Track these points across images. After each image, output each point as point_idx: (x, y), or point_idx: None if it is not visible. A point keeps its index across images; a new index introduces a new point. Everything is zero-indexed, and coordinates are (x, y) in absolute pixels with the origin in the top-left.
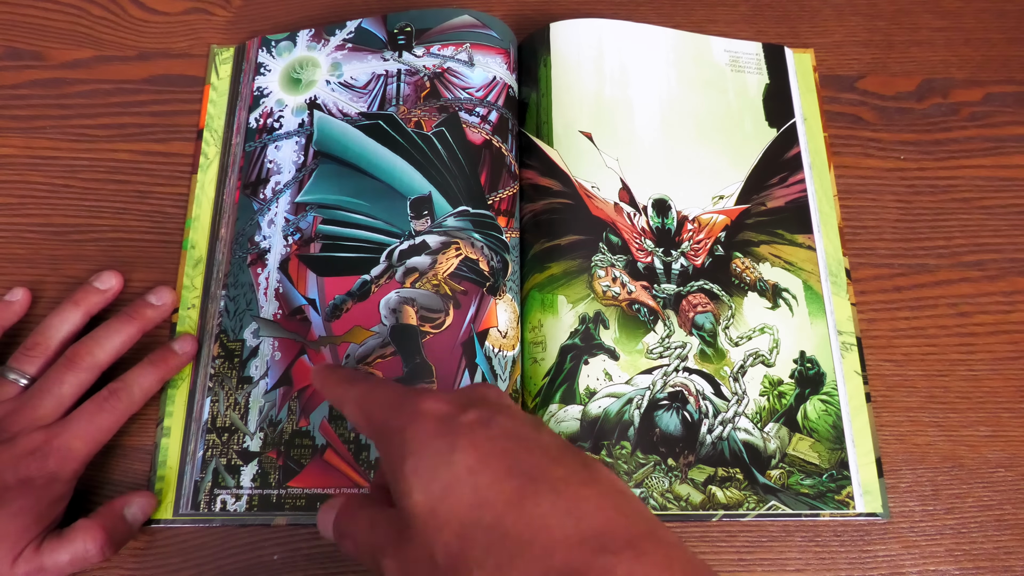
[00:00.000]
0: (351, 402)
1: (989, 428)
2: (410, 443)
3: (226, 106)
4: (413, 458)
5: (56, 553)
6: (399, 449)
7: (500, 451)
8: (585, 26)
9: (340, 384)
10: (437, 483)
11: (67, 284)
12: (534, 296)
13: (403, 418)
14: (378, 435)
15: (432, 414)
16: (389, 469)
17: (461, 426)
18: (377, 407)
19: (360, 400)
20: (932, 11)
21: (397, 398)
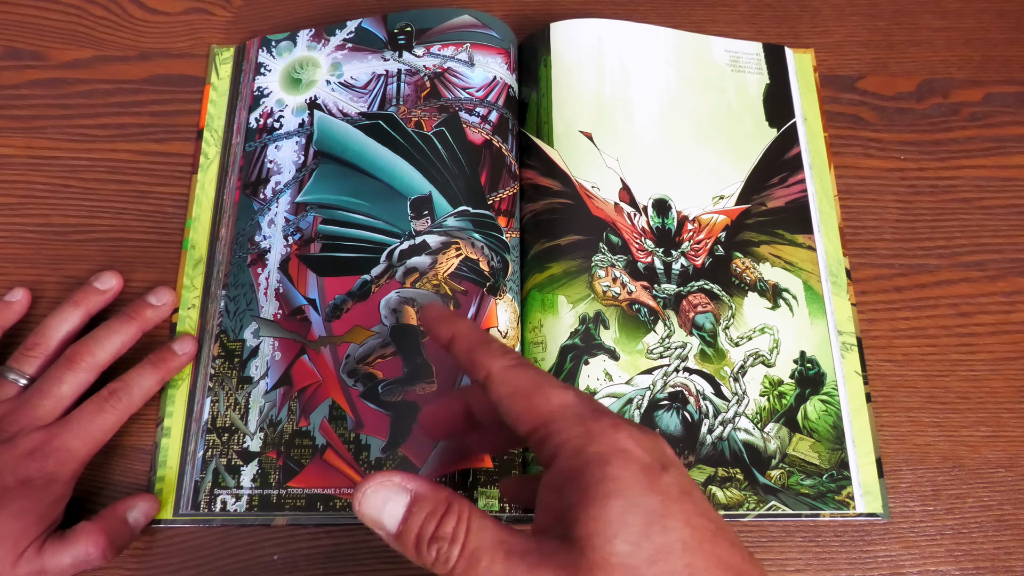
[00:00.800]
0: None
1: (989, 428)
2: (615, 482)
3: (226, 106)
4: (622, 503)
5: (58, 555)
6: (598, 481)
7: (710, 535)
8: (585, 26)
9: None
10: (649, 544)
11: (67, 284)
12: (534, 296)
13: (602, 447)
14: (545, 438)
15: (636, 459)
16: (573, 490)
17: (670, 489)
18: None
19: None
20: (932, 11)
21: (581, 406)
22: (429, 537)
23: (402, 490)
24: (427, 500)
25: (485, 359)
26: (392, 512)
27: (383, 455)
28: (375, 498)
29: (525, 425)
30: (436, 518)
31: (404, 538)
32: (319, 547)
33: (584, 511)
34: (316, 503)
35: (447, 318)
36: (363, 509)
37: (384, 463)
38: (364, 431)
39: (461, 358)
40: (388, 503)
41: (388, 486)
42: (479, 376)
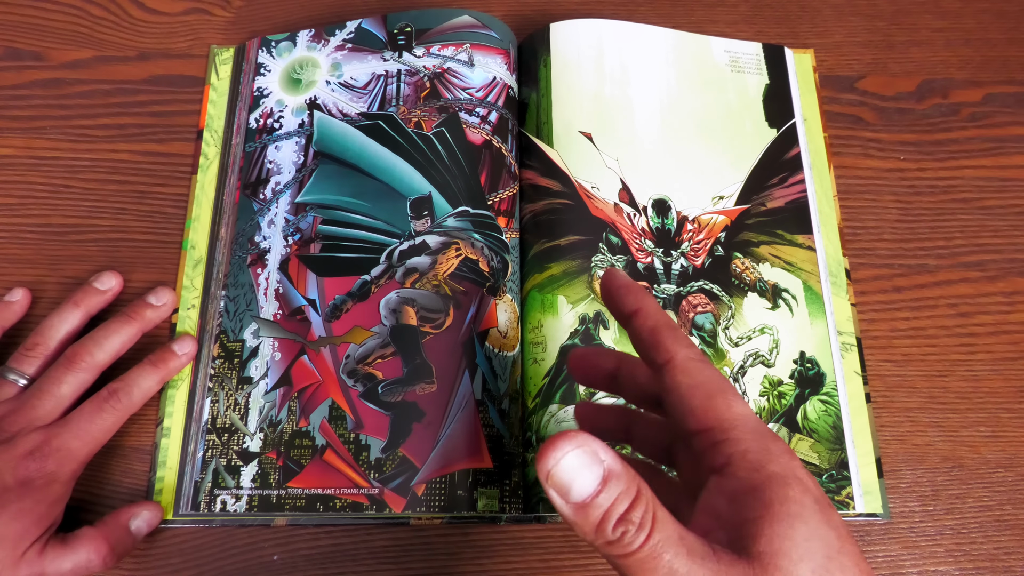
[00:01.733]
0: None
1: (989, 428)
2: (799, 506)
3: (226, 106)
4: (806, 529)
5: (59, 560)
6: (781, 501)
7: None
8: (585, 26)
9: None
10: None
11: (67, 284)
12: (534, 296)
13: (781, 468)
14: (720, 442)
15: (811, 490)
16: (754, 503)
17: (841, 527)
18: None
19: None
20: (932, 11)
21: (759, 423)
22: (617, 518)
23: (597, 461)
24: (621, 478)
25: (671, 343)
26: (585, 483)
27: (383, 455)
28: (572, 461)
29: (700, 422)
30: (629, 499)
31: (588, 511)
32: (319, 547)
33: (769, 527)
34: (316, 503)
35: (633, 290)
36: (555, 471)
37: (384, 463)
38: (364, 431)
39: (643, 334)
40: (583, 471)
41: (587, 453)
42: (660, 358)
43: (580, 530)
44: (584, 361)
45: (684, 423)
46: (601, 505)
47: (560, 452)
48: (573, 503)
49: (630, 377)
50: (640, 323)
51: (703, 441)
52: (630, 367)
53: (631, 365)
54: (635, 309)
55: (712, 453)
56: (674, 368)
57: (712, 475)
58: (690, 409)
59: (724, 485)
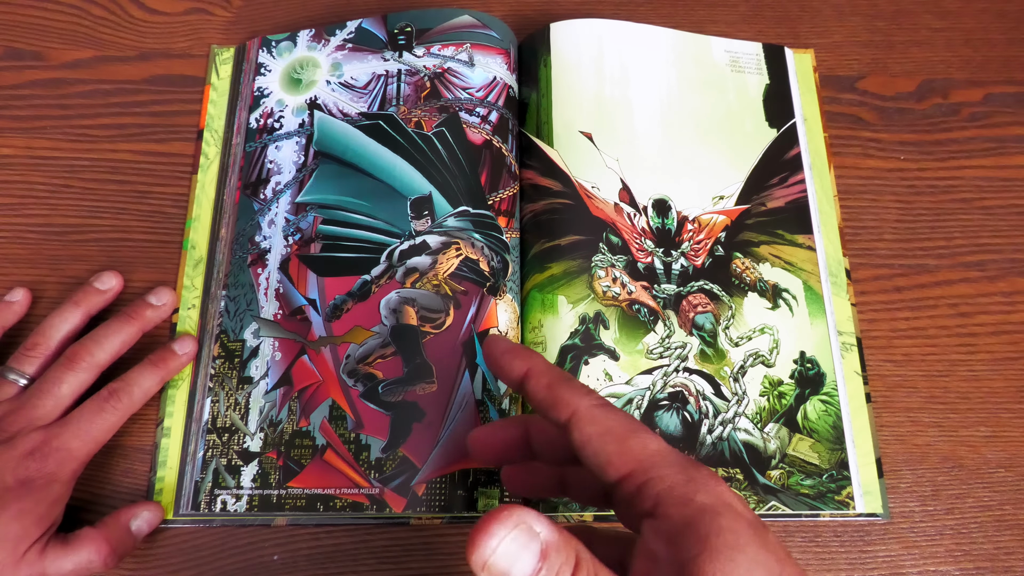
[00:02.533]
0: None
1: (989, 428)
2: (734, 536)
3: (226, 106)
4: (746, 559)
5: (60, 560)
6: (716, 533)
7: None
8: (585, 26)
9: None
10: None
11: (67, 284)
12: (534, 296)
13: (709, 497)
14: (644, 484)
15: (742, 514)
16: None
17: (777, 549)
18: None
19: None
20: (932, 11)
21: (676, 454)
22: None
23: (534, 537)
24: (560, 550)
25: (569, 396)
26: (524, 566)
27: (383, 455)
28: (509, 547)
29: (618, 469)
30: (569, 569)
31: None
32: (319, 547)
33: (710, 564)
34: (316, 503)
35: (519, 352)
36: (492, 561)
37: (384, 463)
38: (364, 431)
39: (540, 394)
40: (521, 553)
41: (523, 532)
42: (562, 414)
43: None
44: (484, 441)
45: (604, 473)
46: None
47: (495, 540)
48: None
49: (544, 440)
50: (534, 384)
51: (628, 487)
52: (540, 429)
53: (538, 427)
54: (524, 371)
55: (639, 497)
56: (579, 419)
57: (644, 519)
58: (606, 458)
59: (658, 527)
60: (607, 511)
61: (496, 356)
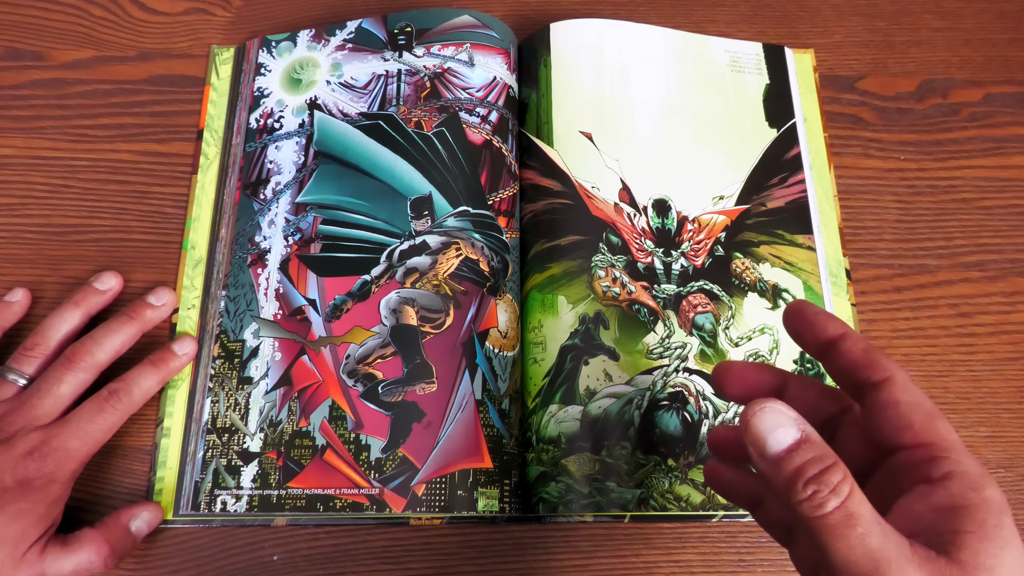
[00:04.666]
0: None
1: (989, 429)
2: (1011, 534)
3: (226, 106)
4: (1015, 556)
5: (59, 561)
6: (996, 525)
7: None
8: (585, 26)
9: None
10: None
11: (67, 284)
12: (534, 296)
13: (997, 496)
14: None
15: (1013, 524)
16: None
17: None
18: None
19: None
20: (932, 11)
21: (976, 460)
22: (810, 476)
23: (796, 425)
24: (818, 446)
25: (887, 362)
26: (780, 437)
27: (383, 455)
28: (770, 418)
29: (919, 437)
30: (823, 464)
31: (783, 465)
32: (319, 547)
33: (979, 543)
34: (316, 503)
35: (832, 316)
36: (754, 421)
37: (384, 463)
38: (364, 431)
39: (855, 355)
40: (780, 428)
41: (787, 415)
42: (879, 375)
43: (773, 485)
44: (744, 372)
45: (899, 436)
46: (795, 461)
47: (759, 407)
48: (768, 454)
49: (802, 401)
50: (850, 345)
51: (918, 455)
52: (801, 389)
53: (802, 388)
54: (842, 333)
55: (928, 466)
56: (894, 385)
57: (920, 484)
58: (908, 424)
59: (933, 495)
60: (608, 511)
61: (810, 315)
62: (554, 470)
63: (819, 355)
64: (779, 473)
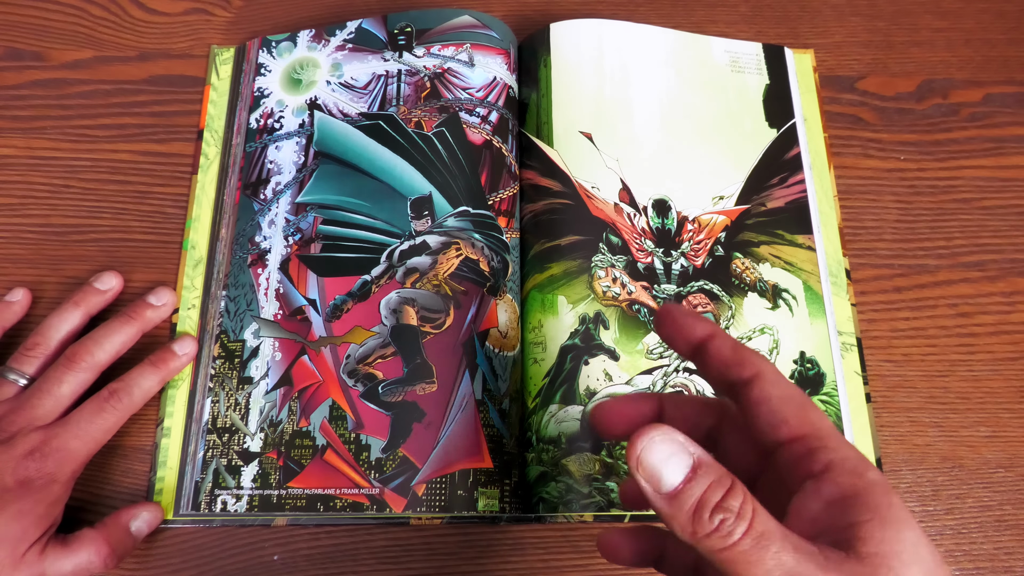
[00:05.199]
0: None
1: (989, 429)
2: (903, 513)
3: (226, 106)
4: (914, 536)
5: (59, 561)
6: (887, 507)
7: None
8: (585, 26)
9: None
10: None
11: (67, 284)
12: (534, 296)
13: (878, 477)
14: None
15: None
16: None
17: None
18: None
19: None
20: (932, 11)
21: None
22: (714, 506)
23: (685, 451)
24: (712, 469)
25: (754, 359)
26: (675, 469)
27: (383, 455)
28: (661, 449)
29: (793, 430)
30: (722, 489)
31: (681, 499)
32: (319, 547)
33: (879, 531)
34: (316, 503)
35: (700, 316)
36: (644, 456)
37: (384, 463)
38: (364, 431)
39: (725, 354)
40: (673, 458)
41: (674, 442)
42: (746, 372)
43: (676, 524)
44: (618, 409)
45: (775, 433)
46: (693, 493)
47: (646, 439)
48: (665, 493)
49: (680, 416)
50: (719, 344)
51: (797, 449)
52: (677, 406)
53: (677, 404)
54: (710, 333)
55: (808, 459)
56: (764, 380)
57: (807, 480)
58: (783, 419)
59: (821, 489)
60: (608, 511)
61: (678, 317)
62: (554, 470)
63: (692, 357)
64: (680, 509)
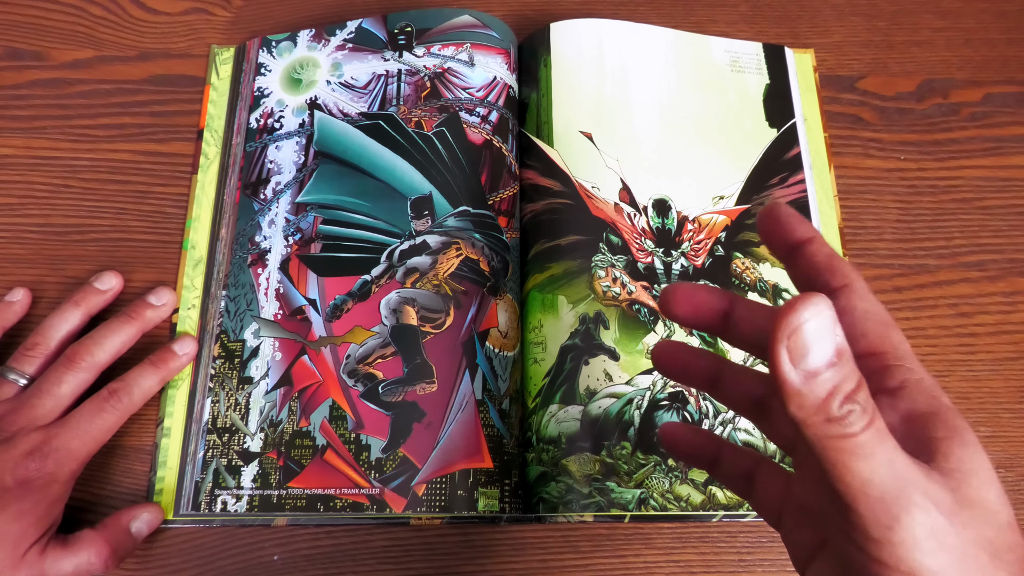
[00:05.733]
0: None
1: (989, 428)
2: (975, 438)
3: (226, 106)
4: (985, 460)
5: (60, 561)
6: (963, 429)
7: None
8: (585, 26)
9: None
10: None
11: (67, 284)
12: (534, 296)
13: (951, 403)
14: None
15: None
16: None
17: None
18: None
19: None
20: (932, 11)
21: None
22: (846, 394)
23: (834, 333)
24: (850, 359)
25: (848, 270)
26: (824, 348)
27: (383, 455)
28: (821, 324)
29: (874, 346)
30: (855, 381)
31: (818, 380)
32: (319, 547)
33: (960, 449)
34: (316, 503)
35: (804, 218)
36: (802, 330)
37: (384, 463)
38: (364, 431)
39: (820, 258)
40: (823, 339)
41: (829, 321)
42: (837, 281)
43: (803, 404)
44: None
45: (853, 345)
46: (832, 379)
47: (809, 313)
48: (805, 370)
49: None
50: (816, 249)
51: (871, 364)
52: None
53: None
54: (810, 237)
55: (884, 375)
56: (852, 293)
57: (880, 395)
58: (863, 332)
59: (897, 405)
60: (608, 511)
61: (783, 217)
62: (554, 470)
63: (785, 258)
64: (812, 391)
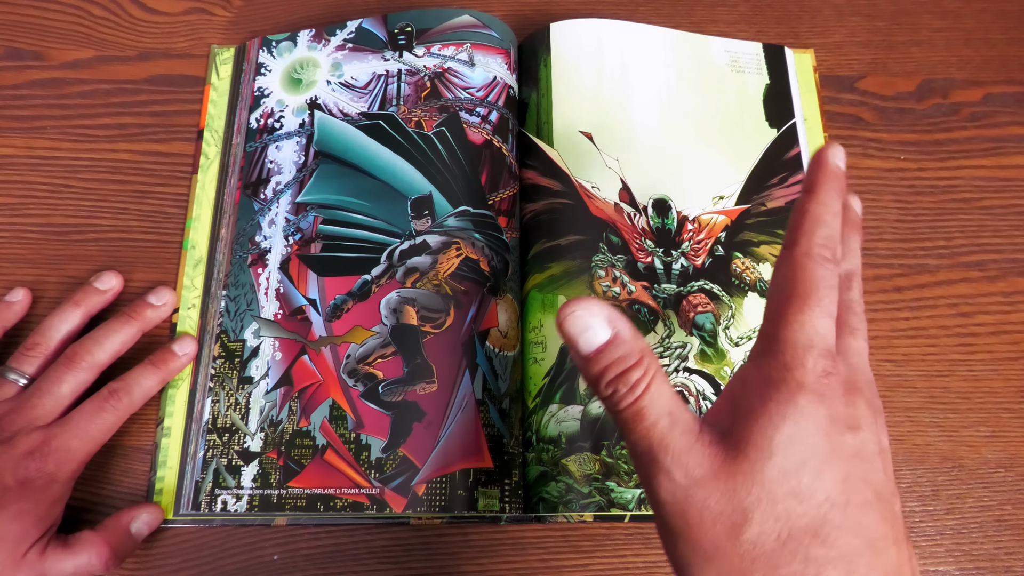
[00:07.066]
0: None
1: (989, 428)
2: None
3: (227, 106)
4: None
5: (60, 562)
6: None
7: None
8: (585, 26)
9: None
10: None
11: (67, 284)
12: (534, 296)
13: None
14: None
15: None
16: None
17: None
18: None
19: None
20: (932, 11)
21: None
22: (612, 377)
23: (607, 325)
24: (623, 345)
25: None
26: (589, 340)
27: (383, 455)
28: (580, 321)
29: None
30: (626, 364)
31: (591, 365)
32: (319, 547)
33: (756, 421)
34: (316, 503)
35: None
36: (566, 324)
37: (384, 463)
38: (364, 431)
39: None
40: (588, 331)
41: (597, 316)
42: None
43: (586, 380)
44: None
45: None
46: (600, 363)
47: (571, 309)
48: (581, 355)
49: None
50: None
51: (766, 324)
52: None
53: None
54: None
55: (763, 339)
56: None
57: (748, 360)
58: (770, 296)
59: (745, 372)
60: (608, 511)
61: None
62: (554, 470)
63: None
64: (587, 372)
